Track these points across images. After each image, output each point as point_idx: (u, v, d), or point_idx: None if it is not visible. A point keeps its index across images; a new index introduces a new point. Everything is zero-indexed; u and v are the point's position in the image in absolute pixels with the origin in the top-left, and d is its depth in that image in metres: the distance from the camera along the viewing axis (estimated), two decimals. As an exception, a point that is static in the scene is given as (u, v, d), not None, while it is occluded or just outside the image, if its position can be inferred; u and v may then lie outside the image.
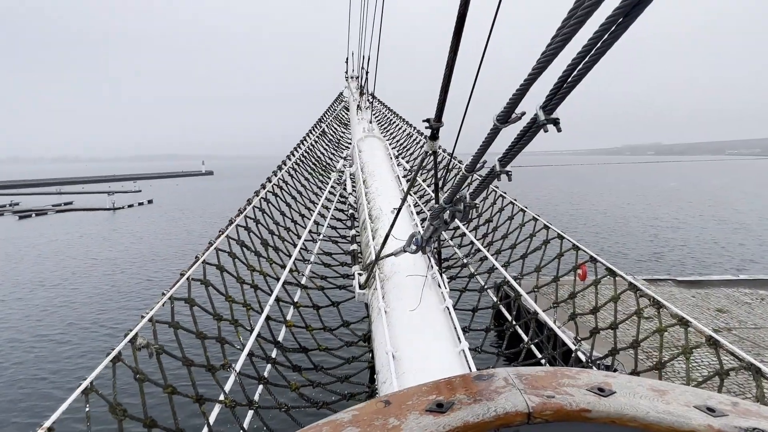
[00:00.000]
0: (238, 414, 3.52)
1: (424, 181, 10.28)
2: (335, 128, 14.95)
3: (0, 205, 78.38)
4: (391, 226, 4.35)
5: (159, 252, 41.07)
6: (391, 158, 9.60)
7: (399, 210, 4.71)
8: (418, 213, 7.63)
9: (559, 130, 1.84)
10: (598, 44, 1.42)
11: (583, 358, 4.53)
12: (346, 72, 18.16)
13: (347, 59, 17.98)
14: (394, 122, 15.60)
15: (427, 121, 3.59)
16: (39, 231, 54.34)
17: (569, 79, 1.65)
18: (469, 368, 3.22)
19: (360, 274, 5.05)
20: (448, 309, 3.96)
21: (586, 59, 1.51)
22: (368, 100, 14.25)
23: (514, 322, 5.56)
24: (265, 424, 3.64)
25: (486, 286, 6.28)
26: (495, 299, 6.29)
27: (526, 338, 5.30)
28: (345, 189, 9.20)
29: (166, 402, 3.19)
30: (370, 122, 11.82)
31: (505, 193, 7.74)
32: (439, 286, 4.37)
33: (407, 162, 11.27)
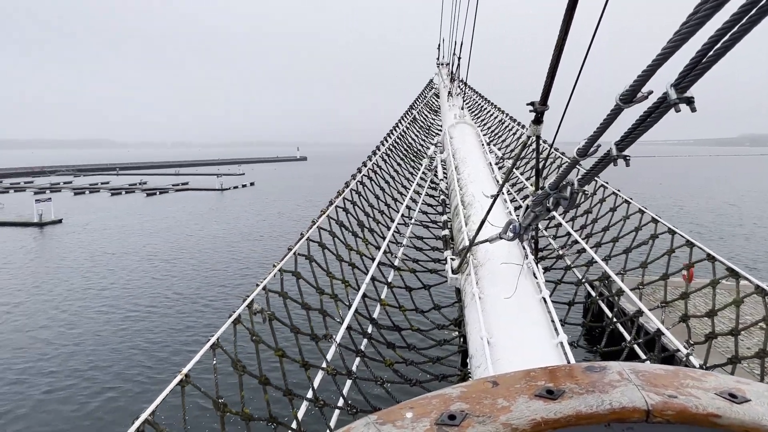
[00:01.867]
0: (338, 382, 3.68)
1: (516, 168, 9.88)
2: (426, 115, 14.85)
3: (131, 184, 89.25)
4: (487, 213, 4.23)
5: (261, 229, 44.33)
6: (483, 145, 9.34)
7: (496, 196, 4.56)
8: (511, 201, 7.36)
9: (693, 109, 1.67)
10: (744, 20, 1.25)
11: (696, 363, 4.09)
12: (438, 58, 17.91)
13: (439, 45, 17.73)
14: (486, 109, 15.14)
15: (531, 104, 3.41)
16: (163, 207, 61.18)
17: (710, 54, 1.46)
18: (567, 362, 3.06)
19: (452, 259, 5.00)
20: (545, 300, 3.78)
21: (730, 34, 1.34)
22: (459, 86, 13.96)
23: (614, 319, 5.17)
24: (363, 394, 3.77)
25: (584, 280, 5.90)
26: (594, 294, 5.90)
27: (628, 337, 4.91)
28: (436, 175, 9.13)
29: (277, 364, 3.43)
30: (462, 108, 11.57)
31: (607, 182, 7.18)
32: (535, 276, 4.18)
33: (499, 149, 10.91)
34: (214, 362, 2.90)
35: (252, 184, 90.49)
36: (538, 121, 3.50)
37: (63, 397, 15.53)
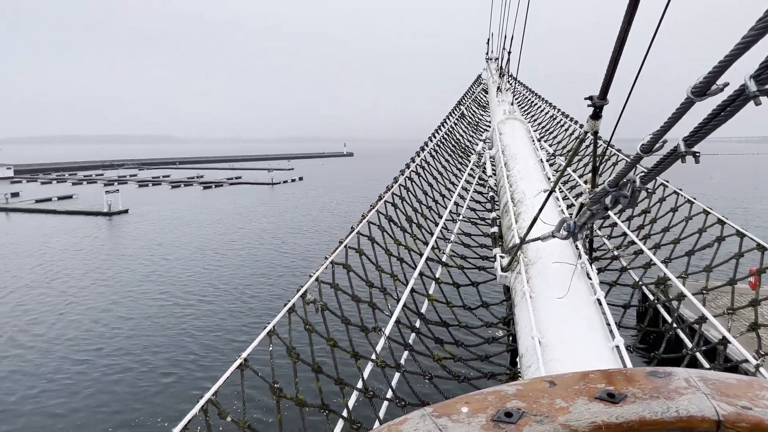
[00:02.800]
0: (387, 374, 3.71)
1: (568, 165, 9.52)
2: (474, 111, 14.61)
3: (189, 177, 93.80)
4: (540, 210, 4.11)
5: (308, 222, 45.42)
6: (534, 141, 9.09)
7: (550, 193, 4.43)
8: (563, 198, 7.11)
9: None
10: None
11: (767, 375, 3.79)
12: (487, 53, 17.55)
13: (488, 40, 17.33)
14: (536, 104, 14.71)
15: (590, 98, 3.27)
16: (217, 199, 63.94)
17: None
18: (624, 366, 2.93)
19: (502, 257, 4.90)
20: (599, 301, 3.63)
21: None
22: (509, 81, 13.61)
23: (674, 325, 4.88)
24: (411, 387, 3.78)
25: (641, 282, 5.62)
26: (651, 297, 5.59)
27: (689, 344, 4.63)
28: (484, 172, 8.98)
29: (329, 353, 3.50)
30: (512, 104, 11.29)
31: (667, 181, 6.79)
32: (589, 276, 4.02)
33: (550, 145, 10.57)
34: (270, 348, 3.00)
35: (300, 178, 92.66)
36: (596, 116, 3.36)
37: (125, 377, 16.54)
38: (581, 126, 10.81)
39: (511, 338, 4.48)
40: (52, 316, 22.12)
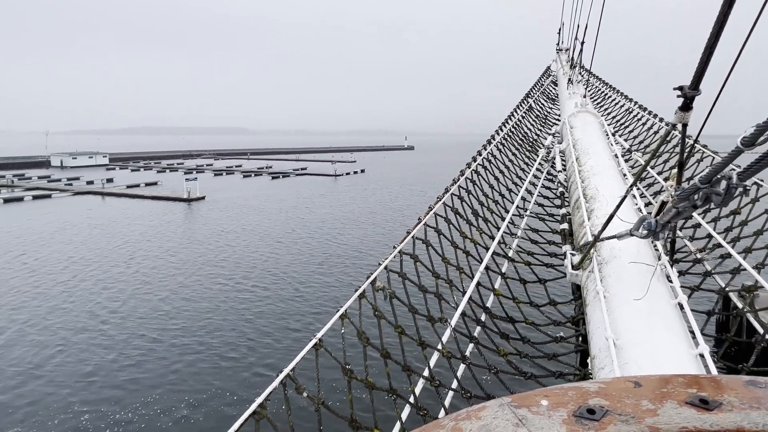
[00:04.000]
0: (453, 365, 3.70)
1: (654, 158, 8.92)
2: (542, 104, 14.04)
3: (259, 167, 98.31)
4: (617, 207, 3.89)
5: (370, 214, 46.15)
6: (608, 135, 8.59)
7: (630, 188, 4.18)
8: (640, 196, 6.67)
9: None
10: None
11: None
12: (558, 44, 16.77)
13: (559, 30, 16.54)
14: (610, 97, 13.86)
15: (680, 88, 3.02)
16: (285, 189, 66.63)
17: None
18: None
19: (572, 254, 4.70)
20: (681, 306, 3.38)
21: None
22: (581, 73, 12.92)
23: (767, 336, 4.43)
24: (477, 380, 3.75)
25: (728, 288, 5.15)
26: (739, 305, 5.12)
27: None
28: (553, 167, 8.62)
29: (397, 340, 3.55)
30: (584, 97, 10.72)
31: (762, 180, 6.14)
32: (669, 279, 3.75)
33: (626, 140, 9.94)
34: (342, 331, 3.09)
35: (363, 171, 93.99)
36: (686, 107, 3.10)
37: (206, 356, 17.45)
38: (661, 120, 10.05)
39: (580, 338, 4.29)
40: (128, 294, 23.86)
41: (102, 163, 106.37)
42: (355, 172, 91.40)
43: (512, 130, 9.99)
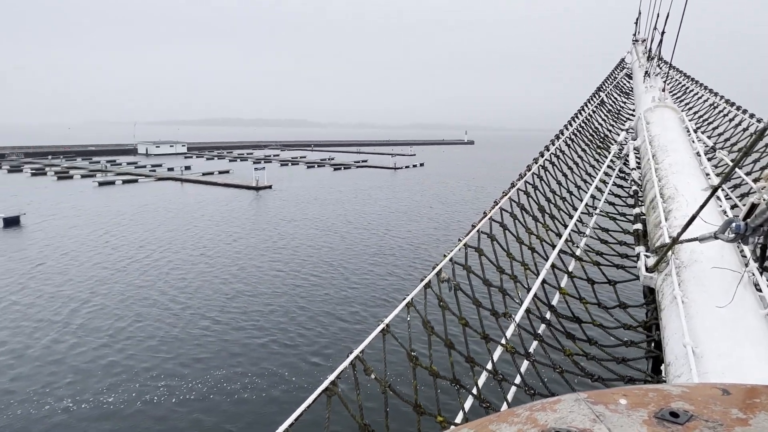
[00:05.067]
0: (516, 361, 3.64)
1: (732, 159, 8.15)
2: (615, 98, 13.22)
3: (322, 159, 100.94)
4: (701, 207, 3.60)
5: (429, 208, 46.07)
6: (688, 132, 7.94)
7: (716, 188, 3.85)
8: (725, 197, 6.14)
9: None
10: None
11: None
12: (634, 34, 15.67)
13: (637, 19, 15.43)
14: (692, 91, 12.78)
15: None
16: (346, 179, 68.02)
17: None
18: None
19: (647, 256, 4.43)
20: None
21: None
22: (659, 65, 11.99)
23: None
24: (541, 378, 3.67)
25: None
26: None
27: None
28: (626, 164, 8.12)
29: (461, 331, 3.55)
30: (663, 90, 9.96)
31: None
32: (757, 287, 3.43)
33: (709, 137, 9.13)
34: (408, 319, 3.14)
35: (422, 164, 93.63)
36: None
37: (278, 337, 18.33)
38: (752, 116, 9.14)
39: (652, 344, 4.05)
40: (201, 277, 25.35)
41: (181, 152, 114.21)
42: (415, 166, 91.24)
43: (582, 125, 9.52)
